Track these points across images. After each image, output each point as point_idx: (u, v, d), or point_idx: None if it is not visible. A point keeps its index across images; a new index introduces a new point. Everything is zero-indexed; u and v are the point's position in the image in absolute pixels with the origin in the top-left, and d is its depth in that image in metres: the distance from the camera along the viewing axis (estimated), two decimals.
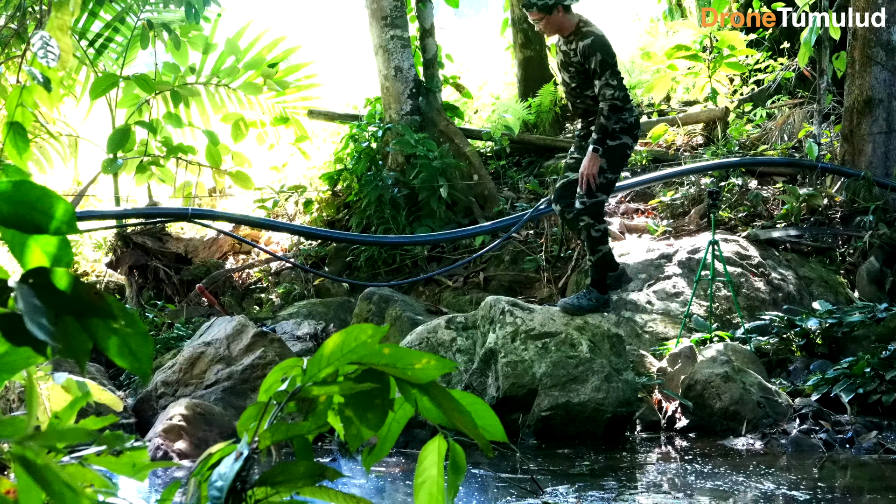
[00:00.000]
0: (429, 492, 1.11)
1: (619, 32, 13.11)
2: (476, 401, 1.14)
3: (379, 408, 1.07)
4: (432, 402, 1.06)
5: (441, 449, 1.13)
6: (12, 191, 0.89)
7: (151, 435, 4.95)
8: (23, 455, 0.93)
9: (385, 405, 1.07)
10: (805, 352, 6.06)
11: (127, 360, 0.92)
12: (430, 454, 1.14)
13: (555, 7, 5.28)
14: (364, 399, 1.07)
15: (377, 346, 1.02)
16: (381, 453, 1.16)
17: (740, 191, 8.07)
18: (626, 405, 5.18)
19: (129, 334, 0.91)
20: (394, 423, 1.14)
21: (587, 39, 5.30)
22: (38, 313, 0.84)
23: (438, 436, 1.13)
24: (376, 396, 1.07)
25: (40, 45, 2.40)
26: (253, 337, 5.79)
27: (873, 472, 4.45)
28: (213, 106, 9.66)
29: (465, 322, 5.63)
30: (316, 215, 9.11)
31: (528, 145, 9.66)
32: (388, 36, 8.58)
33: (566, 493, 3.95)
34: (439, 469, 1.13)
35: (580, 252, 7.72)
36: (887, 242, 7.19)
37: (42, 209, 0.90)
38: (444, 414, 1.07)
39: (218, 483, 0.92)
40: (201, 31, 9.24)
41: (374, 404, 1.07)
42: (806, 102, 9.30)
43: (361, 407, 1.08)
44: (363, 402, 1.08)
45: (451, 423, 1.08)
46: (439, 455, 1.13)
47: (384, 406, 1.07)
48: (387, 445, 1.16)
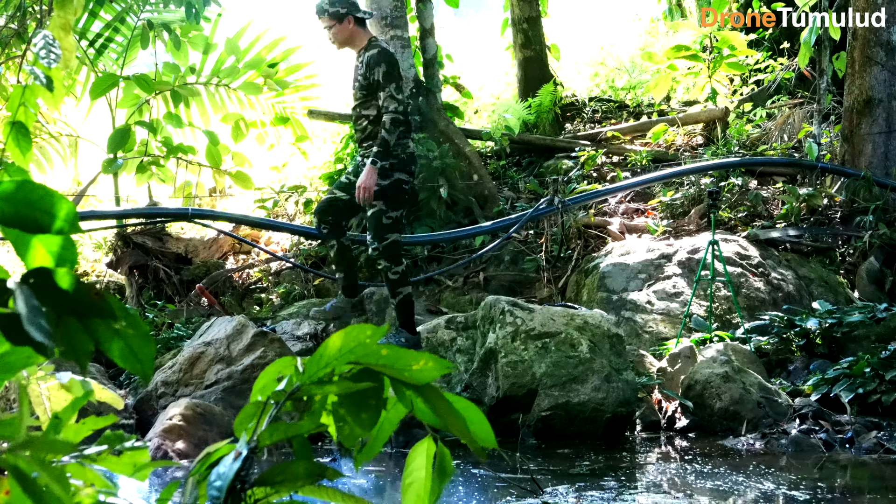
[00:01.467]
0: (416, 493, 1.11)
1: (619, 32, 13.12)
2: (469, 406, 1.14)
3: (373, 408, 1.07)
4: (426, 404, 1.06)
5: (430, 451, 1.13)
6: (14, 190, 0.89)
7: (151, 435, 4.94)
8: (15, 465, 0.93)
9: (379, 405, 1.07)
10: (805, 352, 6.06)
11: (129, 361, 0.92)
12: (418, 456, 1.14)
13: (346, 17, 5.22)
14: (358, 399, 1.07)
15: (375, 347, 1.02)
16: (372, 452, 1.16)
17: (740, 191, 8.07)
18: (626, 405, 5.18)
19: (130, 335, 0.91)
20: (385, 423, 1.14)
21: (374, 50, 5.24)
22: (38, 314, 0.84)
23: (427, 437, 1.13)
24: (370, 396, 1.07)
25: (42, 45, 2.40)
26: (253, 337, 5.79)
27: (873, 472, 4.45)
28: (214, 106, 9.66)
29: (465, 322, 5.63)
30: None
31: (528, 145, 9.66)
32: (388, 36, 8.58)
33: (566, 493, 3.95)
34: (427, 471, 1.13)
35: (580, 252, 7.73)
36: (887, 242, 7.19)
37: (44, 209, 0.90)
38: (437, 416, 1.07)
39: (217, 483, 0.92)
40: (201, 31, 9.23)
41: (369, 404, 1.07)
42: (806, 102, 9.30)
43: (356, 406, 1.08)
44: (357, 401, 1.08)
45: (444, 425, 1.08)
46: (427, 457, 1.13)
47: (378, 406, 1.07)
48: (377, 444, 1.16)
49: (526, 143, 9.62)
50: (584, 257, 7.59)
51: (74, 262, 0.95)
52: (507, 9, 11.04)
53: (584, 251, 7.73)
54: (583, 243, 7.82)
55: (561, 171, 8.80)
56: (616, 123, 10.00)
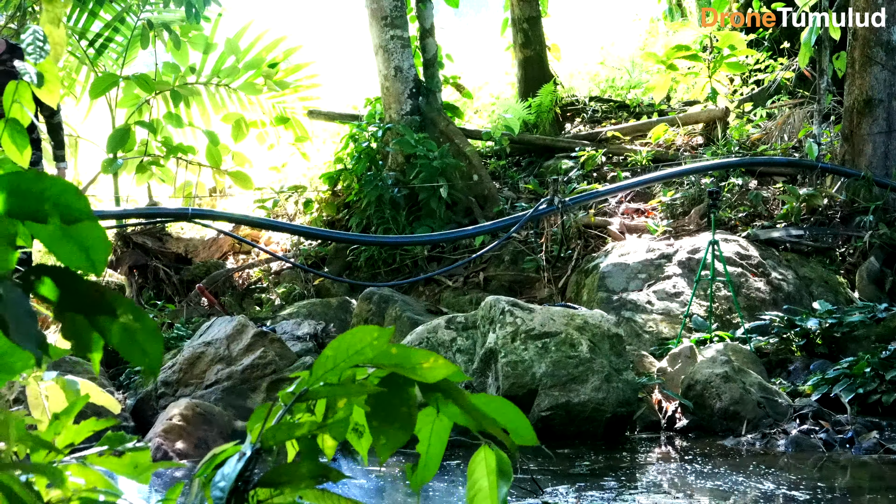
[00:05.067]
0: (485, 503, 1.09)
1: (619, 32, 13.13)
2: (506, 404, 1.12)
3: (406, 417, 1.04)
4: (457, 407, 1.04)
5: (489, 459, 1.11)
6: (20, 181, 0.87)
7: (151, 435, 4.94)
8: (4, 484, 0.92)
9: (411, 414, 1.05)
10: (805, 352, 6.06)
11: (136, 356, 0.91)
12: (478, 466, 1.12)
13: None
14: (386, 407, 1.05)
15: (385, 347, 1.01)
16: (428, 473, 1.13)
17: (740, 191, 8.07)
18: (626, 405, 5.18)
19: (138, 330, 0.90)
20: (434, 439, 1.12)
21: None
22: (28, 320, 0.83)
23: (484, 447, 1.11)
24: (400, 405, 1.05)
25: (31, 41, 2.39)
26: (253, 337, 5.79)
27: (873, 472, 4.45)
28: (214, 106, 9.66)
29: (465, 322, 5.63)
30: (316, 215, 9.11)
31: (528, 145, 9.66)
32: (388, 36, 8.58)
33: (566, 493, 3.95)
34: (491, 480, 1.11)
35: (580, 252, 7.73)
36: (887, 242, 7.19)
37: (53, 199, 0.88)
38: (471, 419, 1.05)
39: (221, 483, 0.92)
40: (201, 31, 9.24)
41: (400, 414, 1.04)
42: (806, 102, 9.30)
43: (386, 417, 1.05)
44: (386, 410, 1.05)
45: (478, 427, 1.06)
46: (488, 466, 1.11)
47: (410, 414, 1.05)
48: (431, 464, 1.12)
49: (526, 143, 9.62)
50: (584, 257, 7.59)
51: (109, 251, 0.93)
52: (507, 9, 11.03)
53: (584, 251, 7.73)
54: (583, 243, 7.82)
55: (561, 171, 8.80)
56: (616, 123, 10.00)
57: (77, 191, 0.91)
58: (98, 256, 0.91)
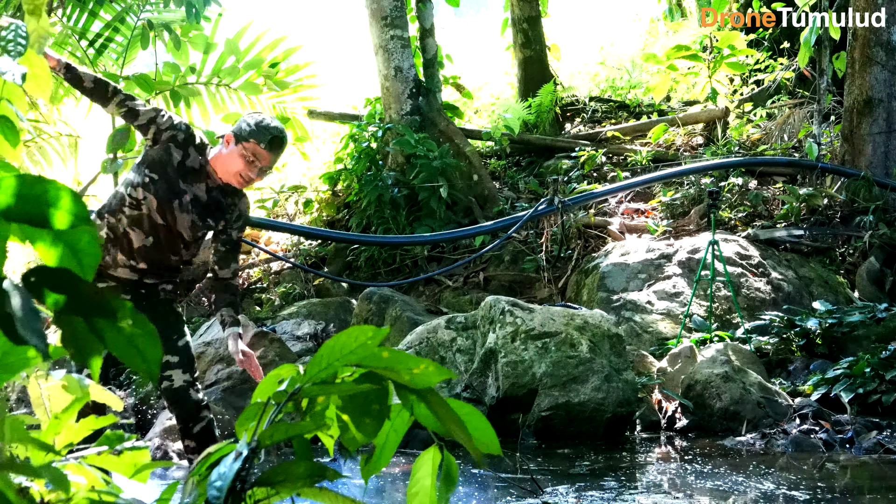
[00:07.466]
0: (422, 502, 1.11)
1: (619, 32, 13.13)
2: (472, 412, 1.13)
3: (376, 413, 1.06)
4: (429, 410, 1.05)
5: (435, 460, 1.12)
6: (17, 184, 0.88)
7: (151, 435, 4.95)
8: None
9: (383, 410, 1.06)
10: (805, 352, 6.06)
11: (135, 360, 0.91)
12: (424, 465, 1.13)
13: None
14: (362, 403, 1.06)
15: (376, 349, 1.02)
16: (380, 464, 1.15)
17: (740, 191, 8.07)
18: (626, 405, 5.18)
19: (137, 334, 0.90)
20: (391, 433, 1.13)
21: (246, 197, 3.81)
22: (33, 317, 0.83)
23: (433, 446, 1.12)
24: (374, 402, 1.06)
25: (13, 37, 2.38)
26: (253, 337, 5.79)
27: (873, 472, 4.45)
28: (214, 106, 9.66)
29: (465, 322, 5.63)
30: (316, 215, 9.12)
31: (528, 145, 9.66)
32: (388, 36, 8.58)
33: (566, 493, 3.95)
34: (433, 480, 1.12)
35: (580, 252, 7.73)
36: (887, 242, 7.19)
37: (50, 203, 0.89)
38: (439, 422, 1.06)
39: (217, 483, 0.92)
40: (201, 31, 9.23)
41: (372, 410, 1.06)
42: (806, 102, 9.30)
43: (359, 412, 1.07)
44: (361, 406, 1.07)
45: (447, 431, 1.07)
46: (433, 465, 1.12)
47: (382, 411, 1.06)
48: (385, 455, 1.14)
49: (526, 143, 9.62)
50: (584, 257, 7.59)
51: (98, 257, 0.93)
52: (507, 9, 11.04)
53: (584, 251, 7.73)
54: (583, 243, 7.82)
55: (561, 171, 8.80)
56: (616, 123, 10.00)
57: (76, 195, 0.91)
58: (89, 261, 0.91)
